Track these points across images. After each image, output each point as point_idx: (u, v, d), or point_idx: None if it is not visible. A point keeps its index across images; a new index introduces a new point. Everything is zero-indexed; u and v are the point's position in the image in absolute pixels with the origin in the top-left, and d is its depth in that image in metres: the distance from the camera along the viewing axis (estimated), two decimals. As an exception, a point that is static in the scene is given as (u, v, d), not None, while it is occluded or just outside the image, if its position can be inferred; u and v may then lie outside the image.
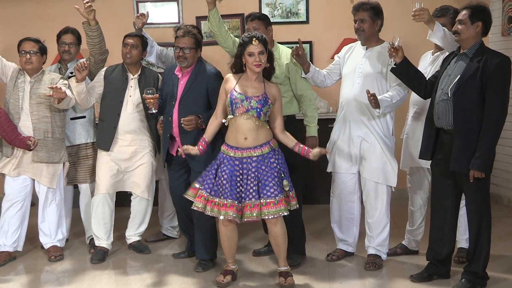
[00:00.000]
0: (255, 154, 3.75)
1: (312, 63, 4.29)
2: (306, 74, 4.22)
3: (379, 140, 4.14)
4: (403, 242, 4.51)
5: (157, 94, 4.15)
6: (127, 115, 4.44)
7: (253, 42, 3.71)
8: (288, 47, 4.38)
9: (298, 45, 4.12)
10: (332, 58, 4.66)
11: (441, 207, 3.85)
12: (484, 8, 3.69)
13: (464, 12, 3.68)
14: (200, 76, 4.15)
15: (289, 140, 3.88)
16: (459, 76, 3.63)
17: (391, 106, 4.05)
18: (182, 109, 4.13)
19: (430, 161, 3.90)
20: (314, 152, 3.79)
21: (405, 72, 3.88)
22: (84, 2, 4.37)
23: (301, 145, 3.86)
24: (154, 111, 4.18)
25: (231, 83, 3.84)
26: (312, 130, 4.30)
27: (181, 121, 4.07)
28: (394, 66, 3.88)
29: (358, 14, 4.13)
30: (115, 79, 4.47)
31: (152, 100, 4.12)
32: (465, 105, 3.59)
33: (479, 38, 3.69)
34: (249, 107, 3.73)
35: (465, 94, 3.59)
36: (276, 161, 3.78)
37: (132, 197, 4.65)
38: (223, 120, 3.88)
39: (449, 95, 3.65)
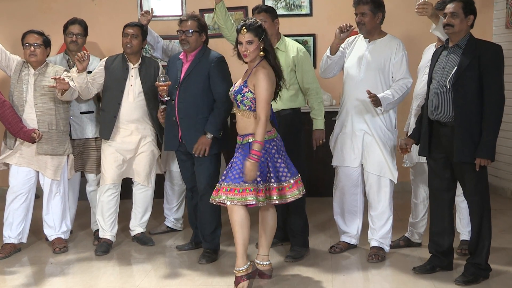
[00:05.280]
0: (241, 143, 3.71)
1: (315, 56, 4.29)
2: (332, 55, 4.19)
3: (382, 133, 4.15)
4: (406, 235, 4.52)
5: (169, 82, 4.15)
6: (129, 104, 4.45)
7: (241, 31, 3.63)
8: (294, 39, 4.37)
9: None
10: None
11: (441, 200, 3.87)
12: (473, 1, 3.72)
13: (454, 4, 3.66)
14: (204, 60, 4.16)
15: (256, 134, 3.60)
16: (456, 68, 3.63)
17: (393, 103, 4.05)
18: (183, 91, 4.14)
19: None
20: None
21: (419, 134, 3.93)
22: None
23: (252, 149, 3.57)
24: (166, 98, 4.20)
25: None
26: (319, 123, 4.32)
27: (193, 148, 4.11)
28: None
29: (359, 7, 4.13)
30: (116, 69, 4.48)
31: (165, 88, 4.14)
32: (465, 96, 3.60)
33: (469, 30, 3.72)
34: (233, 98, 3.76)
35: (464, 85, 3.61)
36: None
37: (133, 185, 4.67)
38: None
39: (448, 87, 3.65)
